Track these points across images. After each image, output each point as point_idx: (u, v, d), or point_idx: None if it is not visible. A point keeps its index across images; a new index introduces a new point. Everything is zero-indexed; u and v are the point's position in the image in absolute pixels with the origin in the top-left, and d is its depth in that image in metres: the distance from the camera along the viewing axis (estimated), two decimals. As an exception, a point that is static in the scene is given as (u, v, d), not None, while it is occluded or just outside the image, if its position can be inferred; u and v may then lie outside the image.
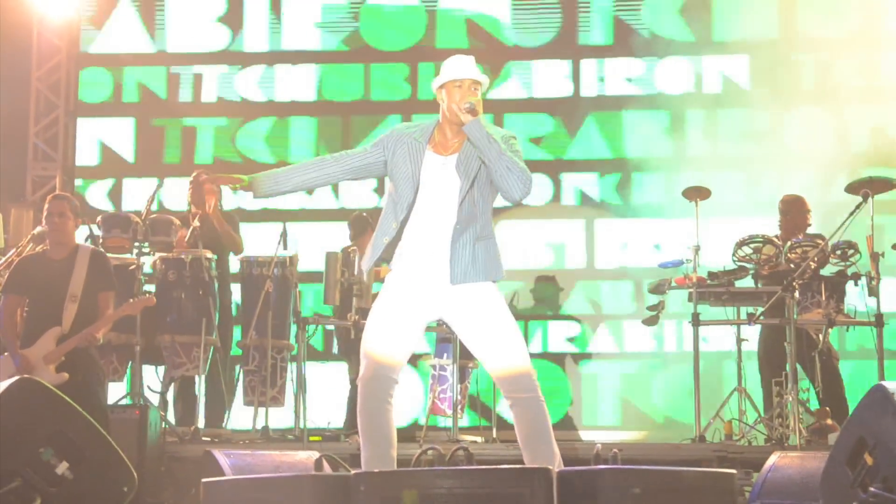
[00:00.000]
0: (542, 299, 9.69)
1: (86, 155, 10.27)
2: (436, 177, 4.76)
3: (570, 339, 9.61)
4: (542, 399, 4.67)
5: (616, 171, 9.82)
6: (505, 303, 4.78)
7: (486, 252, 4.76)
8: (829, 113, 9.55)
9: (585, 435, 9.07)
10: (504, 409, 8.19)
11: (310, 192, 9.21)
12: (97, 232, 7.70)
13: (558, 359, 9.58)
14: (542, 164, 9.65)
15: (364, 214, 8.52)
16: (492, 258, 4.77)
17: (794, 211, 7.99)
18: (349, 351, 8.02)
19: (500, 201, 4.83)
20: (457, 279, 4.69)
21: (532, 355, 4.99)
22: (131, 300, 6.82)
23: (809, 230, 7.79)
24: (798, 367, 7.29)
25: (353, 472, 3.93)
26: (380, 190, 9.83)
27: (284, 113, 10.21)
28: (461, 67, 4.80)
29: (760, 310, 7.35)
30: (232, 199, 8.86)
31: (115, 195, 10.12)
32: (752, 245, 7.50)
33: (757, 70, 9.77)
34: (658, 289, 7.72)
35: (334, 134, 10.17)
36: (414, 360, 7.70)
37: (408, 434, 7.68)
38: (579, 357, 9.61)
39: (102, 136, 10.24)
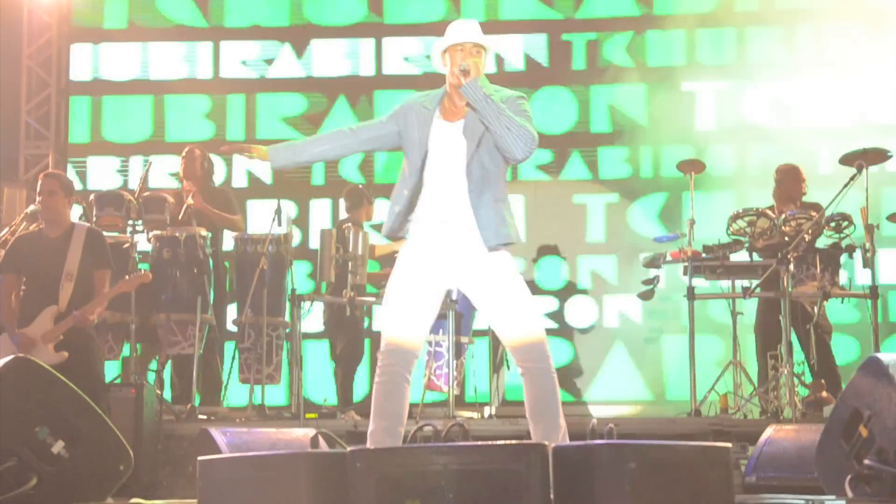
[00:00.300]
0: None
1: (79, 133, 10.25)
2: (444, 143, 4.76)
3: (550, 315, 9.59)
4: (553, 371, 4.67)
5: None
6: (518, 271, 4.77)
7: (508, 213, 4.77)
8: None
9: (582, 409, 9.09)
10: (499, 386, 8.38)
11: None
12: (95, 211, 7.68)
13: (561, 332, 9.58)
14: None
15: (360, 187, 8.51)
16: (513, 220, 4.78)
17: (787, 180, 7.99)
18: (340, 328, 8.02)
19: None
20: (490, 241, 4.68)
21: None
22: (127, 277, 6.82)
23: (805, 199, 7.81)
24: (794, 340, 7.32)
25: (349, 449, 3.93)
26: (363, 168, 9.83)
27: (278, 88, 10.17)
28: (462, 31, 4.79)
29: (755, 283, 7.36)
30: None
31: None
32: (746, 218, 7.51)
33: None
34: (653, 263, 7.72)
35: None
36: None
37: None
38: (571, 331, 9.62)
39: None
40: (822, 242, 7.45)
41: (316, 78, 10.08)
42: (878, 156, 7.25)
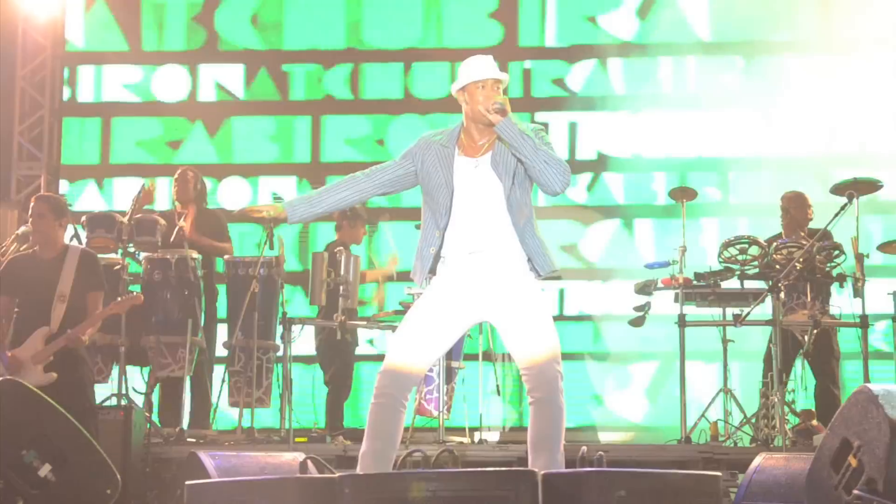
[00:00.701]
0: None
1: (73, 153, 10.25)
2: (470, 180, 4.77)
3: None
4: (562, 405, 4.66)
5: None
6: (545, 301, 4.78)
7: (543, 243, 4.80)
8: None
9: (572, 436, 9.06)
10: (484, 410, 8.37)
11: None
12: (82, 232, 7.68)
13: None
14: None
15: (352, 208, 8.49)
16: (550, 250, 4.81)
17: (793, 208, 8.01)
18: (330, 352, 7.99)
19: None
20: (545, 268, 4.72)
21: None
22: (118, 299, 6.81)
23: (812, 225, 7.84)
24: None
25: (338, 474, 3.92)
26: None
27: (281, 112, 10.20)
28: (481, 68, 4.81)
29: (746, 310, 7.37)
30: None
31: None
32: (738, 246, 7.53)
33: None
34: (644, 289, 7.73)
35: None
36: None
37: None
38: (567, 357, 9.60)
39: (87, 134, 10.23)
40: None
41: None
42: (869, 186, 7.29)
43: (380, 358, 4.87)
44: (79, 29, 10.30)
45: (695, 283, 7.58)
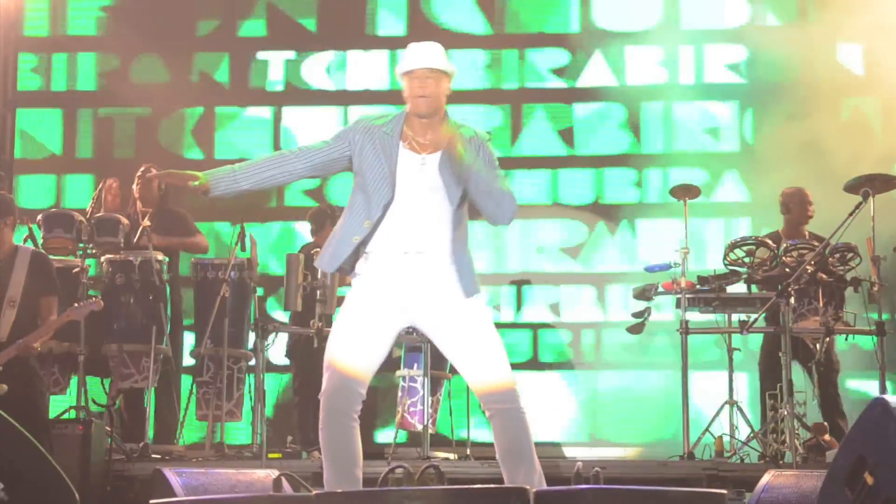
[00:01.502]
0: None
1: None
2: (415, 177, 4.75)
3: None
4: (524, 412, 4.68)
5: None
6: (484, 303, 4.79)
7: (472, 263, 4.81)
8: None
9: (566, 451, 9.08)
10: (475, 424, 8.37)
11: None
12: (38, 231, 7.64)
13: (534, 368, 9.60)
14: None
15: (324, 208, 8.49)
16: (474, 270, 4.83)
17: (793, 204, 8.03)
18: (306, 360, 7.98)
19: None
20: (470, 291, 4.72)
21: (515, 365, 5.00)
22: (76, 304, 6.76)
23: (812, 223, 7.86)
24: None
25: (314, 492, 3.91)
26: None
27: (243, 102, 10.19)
28: (412, 56, 4.80)
29: (753, 317, 7.37)
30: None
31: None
32: (744, 247, 7.53)
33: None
34: (644, 294, 7.73)
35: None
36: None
37: (375, 451, 7.66)
38: (556, 366, 9.62)
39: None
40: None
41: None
42: (886, 183, 7.28)
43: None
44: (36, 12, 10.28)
45: (698, 287, 7.58)
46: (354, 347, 4.70)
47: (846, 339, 7.57)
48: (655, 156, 9.78)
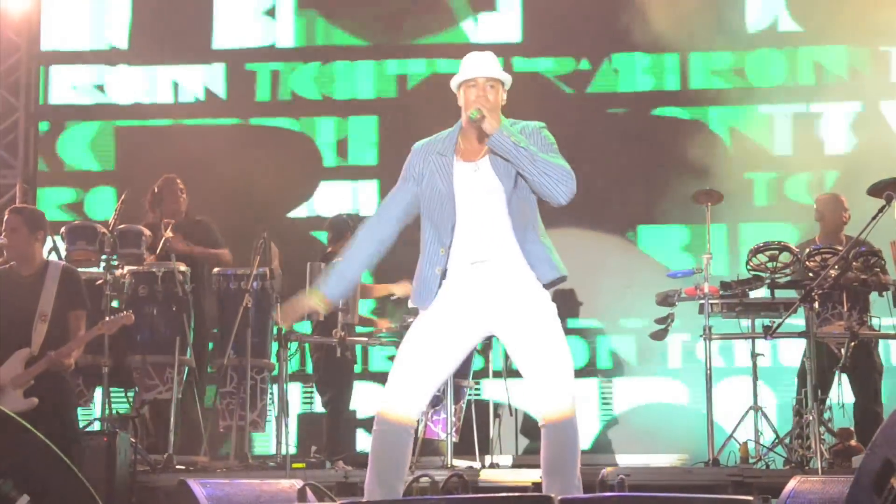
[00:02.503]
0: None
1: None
2: (471, 186, 4.74)
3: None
4: (577, 426, 4.65)
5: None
6: (556, 314, 4.75)
7: (553, 247, 4.78)
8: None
9: (590, 459, 9.06)
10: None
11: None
12: (61, 244, 7.68)
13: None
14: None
15: (344, 216, 8.50)
16: (555, 255, 4.78)
17: (827, 211, 8.01)
18: (329, 372, 7.99)
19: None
20: (546, 276, 4.69)
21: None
22: (107, 318, 6.77)
23: (848, 230, 7.82)
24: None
25: (339, 501, 3.91)
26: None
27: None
28: (473, 65, 4.79)
29: (777, 322, 7.35)
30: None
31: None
32: (767, 253, 7.50)
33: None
34: (666, 300, 7.71)
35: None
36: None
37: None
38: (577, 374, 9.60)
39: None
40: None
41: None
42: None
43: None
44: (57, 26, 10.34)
45: (721, 293, 7.56)
46: (421, 360, 4.68)
47: (873, 343, 7.53)
48: None
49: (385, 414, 4.65)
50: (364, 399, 8.69)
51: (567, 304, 9.53)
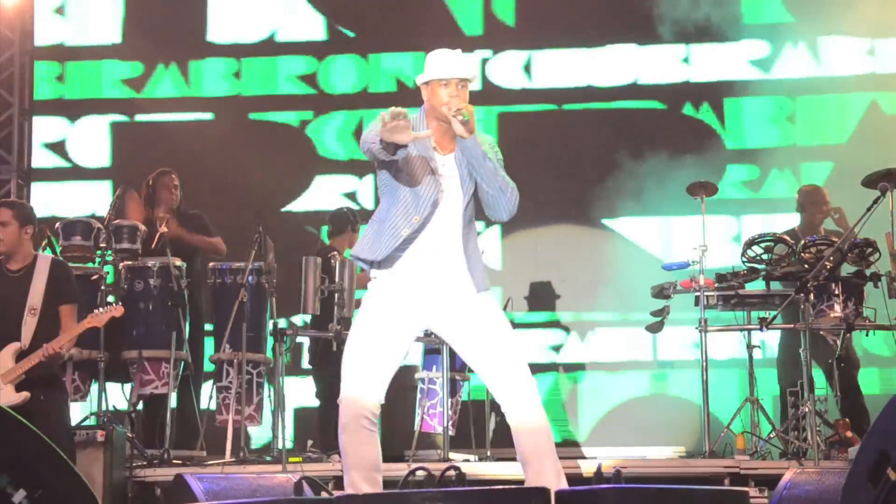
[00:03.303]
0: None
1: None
2: (444, 176, 4.80)
3: (556, 348, 9.61)
4: (544, 413, 4.69)
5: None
6: (496, 304, 4.83)
7: (482, 260, 4.86)
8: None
9: (587, 451, 9.07)
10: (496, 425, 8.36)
11: None
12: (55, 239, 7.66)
13: (551, 370, 9.58)
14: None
15: (345, 210, 8.50)
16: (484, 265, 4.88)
17: (808, 203, 8.01)
18: (325, 365, 7.99)
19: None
20: (480, 287, 4.76)
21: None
22: (97, 310, 6.77)
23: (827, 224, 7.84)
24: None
25: (335, 494, 3.91)
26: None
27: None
28: (447, 65, 4.80)
29: (773, 314, 7.35)
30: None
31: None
32: (762, 244, 7.51)
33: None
34: (662, 293, 7.71)
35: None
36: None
37: (394, 453, 7.66)
38: (573, 368, 9.61)
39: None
40: (846, 270, 7.46)
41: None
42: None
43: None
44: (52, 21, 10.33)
45: (717, 285, 7.56)
46: (373, 352, 4.71)
47: (867, 334, 7.54)
48: None
49: (348, 416, 4.69)
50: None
51: (561, 297, 9.56)
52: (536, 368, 9.27)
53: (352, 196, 9.89)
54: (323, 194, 9.93)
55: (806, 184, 8.55)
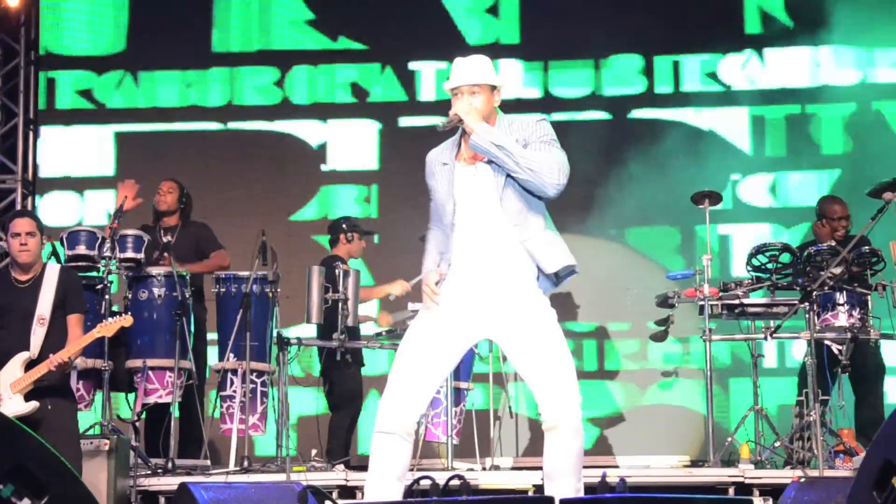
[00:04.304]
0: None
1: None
2: (470, 187, 4.83)
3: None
4: (580, 430, 4.67)
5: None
6: (555, 318, 4.77)
7: (560, 239, 4.84)
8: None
9: (591, 460, 9.05)
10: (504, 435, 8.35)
11: None
12: (60, 249, 7.67)
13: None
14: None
15: (339, 219, 8.49)
16: (562, 246, 4.82)
17: (825, 214, 8.01)
18: (332, 375, 7.99)
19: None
20: (550, 266, 4.73)
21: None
22: (106, 320, 6.75)
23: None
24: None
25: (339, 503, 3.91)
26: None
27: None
28: (455, 74, 4.84)
29: (777, 323, 7.34)
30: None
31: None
32: (767, 254, 7.50)
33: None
34: (666, 302, 7.71)
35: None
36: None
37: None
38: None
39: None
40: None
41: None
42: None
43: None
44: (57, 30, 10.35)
45: (721, 294, 7.55)
46: (418, 365, 4.72)
47: (871, 343, 7.53)
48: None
49: (384, 421, 4.67)
50: (367, 402, 8.68)
51: (566, 306, 9.55)
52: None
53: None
54: (330, 204, 9.94)
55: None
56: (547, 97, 9.93)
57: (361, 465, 6.89)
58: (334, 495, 6.59)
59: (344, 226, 8.28)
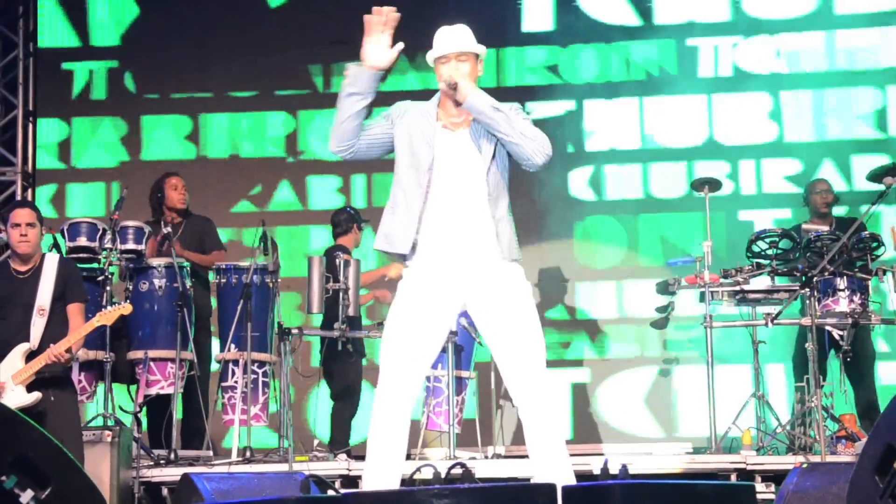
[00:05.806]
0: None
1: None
2: (450, 154, 4.81)
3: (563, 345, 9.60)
4: (555, 406, 4.68)
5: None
6: (530, 290, 4.80)
7: (514, 228, 4.84)
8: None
9: (593, 448, 9.06)
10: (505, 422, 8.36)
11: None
12: (61, 240, 7.67)
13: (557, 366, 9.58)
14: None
15: (349, 210, 8.50)
16: (515, 237, 4.85)
17: (809, 194, 8.05)
18: (334, 365, 8.00)
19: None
20: (506, 254, 4.74)
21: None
22: (105, 309, 6.77)
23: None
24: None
25: (342, 493, 3.92)
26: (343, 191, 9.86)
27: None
28: (443, 41, 4.84)
29: (778, 309, 7.35)
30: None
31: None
32: (767, 239, 7.50)
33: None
34: (666, 289, 7.71)
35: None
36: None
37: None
38: (578, 364, 9.61)
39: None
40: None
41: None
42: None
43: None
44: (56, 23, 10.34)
45: (722, 280, 7.55)
46: (406, 350, 4.72)
47: (871, 328, 7.53)
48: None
49: (381, 408, 4.69)
50: (367, 392, 8.69)
51: (567, 294, 9.56)
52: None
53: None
54: (321, 194, 9.94)
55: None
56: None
57: (364, 455, 6.89)
58: (337, 485, 6.60)
59: (356, 216, 8.29)
